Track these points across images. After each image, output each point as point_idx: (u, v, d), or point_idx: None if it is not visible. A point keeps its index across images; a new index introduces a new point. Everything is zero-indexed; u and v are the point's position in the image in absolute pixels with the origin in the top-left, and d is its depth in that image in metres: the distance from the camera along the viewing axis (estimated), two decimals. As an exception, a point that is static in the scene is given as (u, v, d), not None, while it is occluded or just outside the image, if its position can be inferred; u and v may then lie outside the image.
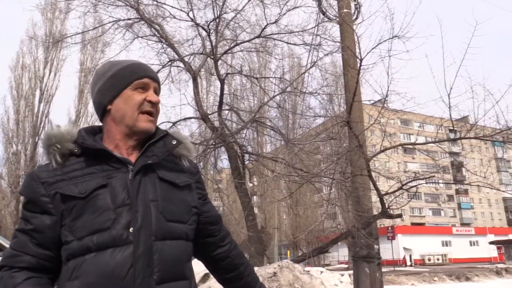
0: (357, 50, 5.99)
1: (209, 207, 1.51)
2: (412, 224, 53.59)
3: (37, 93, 25.83)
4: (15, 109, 25.42)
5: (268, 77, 10.01)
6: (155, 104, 1.32)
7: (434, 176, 7.03)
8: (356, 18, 7.51)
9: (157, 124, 1.39)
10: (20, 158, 24.95)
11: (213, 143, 8.63)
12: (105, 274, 1.14)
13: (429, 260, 44.09)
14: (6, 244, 9.14)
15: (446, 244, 49.83)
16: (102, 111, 1.33)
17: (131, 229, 1.18)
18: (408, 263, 42.12)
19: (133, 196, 1.22)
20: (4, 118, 25.39)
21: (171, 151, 1.36)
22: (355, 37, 5.83)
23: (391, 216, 6.97)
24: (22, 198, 1.29)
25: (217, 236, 1.50)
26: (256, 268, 6.58)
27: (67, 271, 1.18)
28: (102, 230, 1.17)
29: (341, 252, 43.61)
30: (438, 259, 44.70)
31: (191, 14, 8.36)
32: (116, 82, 1.31)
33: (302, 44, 7.93)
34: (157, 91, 1.36)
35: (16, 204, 24.44)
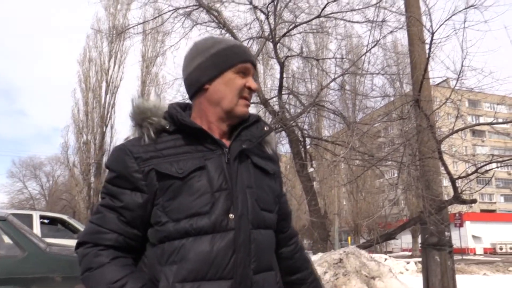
0: (428, 24, 5.58)
1: (285, 199, 1.43)
2: (482, 211, 50.68)
3: (103, 85, 27.14)
4: (84, 101, 26.84)
5: (329, 58, 9.72)
6: (253, 91, 1.26)
7: (514, 159, 6.46)
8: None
9: None
10: (90, 147, 26.43)
11: (274, 128, 8.56)
12: (206, 261, 1.09)
13: (501, 249, 41.54)
14: (81, 228, 9.74)
15: (520, 232, 46.64)
16: (197, 89, 1.25)
17: (230, 216, 1.13)
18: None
19: (233, 182, 1.16)
20: (75, 109, 26.94)
21: (264, 138, 1.30)
22: (426, 9, 5.44)
23: (464, 202, 6.56)
24: (107, 171, 1.23)
25: (285, 233, 1.42)
26: (320, 254, 6.48)
27: (161, 254, 1.12)
28: (200, 214, 1.11)
29: (404, 239, 42.26)
30: (511, 248, 41.99)
31: (249, -3, 8.28)
32: (218, 61, 1.22)
33: (365, 22, 7.57)
34: (254, 77, 1.30)
35: (88, 190, 26.05)
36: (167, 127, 1.20)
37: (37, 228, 8.87)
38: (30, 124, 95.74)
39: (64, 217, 10.32)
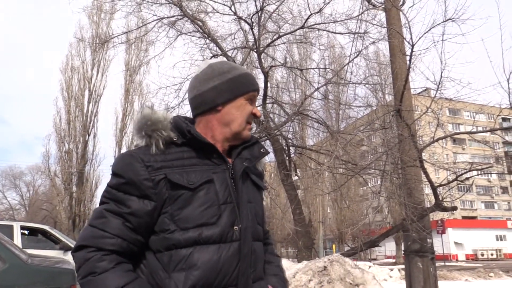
0: (408, 36, 5.73)
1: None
2: (463, 217, 51.49)
3: (86, 93, 26.88)
4: (66, 110, 26.48)
5: (313, 68, 9.84)
6: (256, 118, 1.39)
7: (492, 167, 6.64)
8: (403, 4, 7.21)
9: None
10: (72, 156, 26.04)
11: (258, 137, 8.60)
12: (214, 269, 1.15)
13: (482, 255, 42.23)
14: (63, 238, 9.57)
15: (500, 238, 47.50)
16: (209, 108, 1.32)
17: (235, 228, 1.21)
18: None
19: (238, 196, 1.25)
20: (57, 118, 26.54)
21: (261, 158, 1.42)
22: (406, 22, 5.58)
23: (445, 209, 6.68)
24: (111, 177, 1.24)
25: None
26: (305, 262, 6.51)
27: (168, 261, 1.16)
28: (208, 224, 1.18)
29: (388, 247, 42.62)
30: (492, 254, 42.73)
31: (233, 8, 8.35)
32: (234, 87, 1.32)
33: (348, 33, 7.71)
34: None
35: (69, 200, 25.59)
36: (175, 139, 1.26)
37: (18, 239, 8.70)
38: (11, 133, 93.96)
39: (46, 227, 10.13)
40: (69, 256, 8.00)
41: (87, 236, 1.17)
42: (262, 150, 1.41)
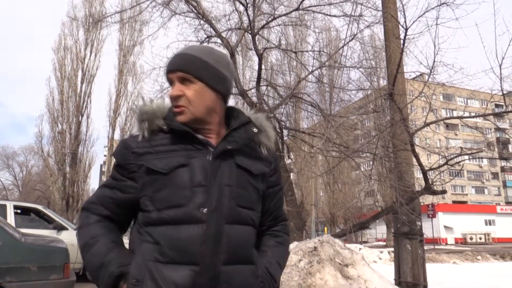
0: (402, 20, 5.72)
1: (279, 196, 1.52)
2: (454, 202, 52.19)
3: (79, 73, 26.56)
4: (59, 90, 26.16)
5: (307, 51, 9.80)
6: (176, 98, 1.32)
7: (482, 151, 6.72)
8: (399, -13, 7.17)
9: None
10: (65, 136, 25.87)
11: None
12: (177, 247, 1.23)
13: (471, 239, 42.96)
14: (56, 218, 9.62)
15: (489, 223, 48.29)
16: None
17: (204, 210, 1.26)
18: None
19: (211, 179, 1.29)
20: (50, 98, 26.22)
21: (252, 139, 1.41)
22: (401, 4, 5.57)
23: (435, 193, 6.77)
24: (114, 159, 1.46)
25: (272, 226, 1.51)
26: (296, 243, 6.61)
27: (142, 233, 1.30)
28: (177, 206, 1.26)
29: (379, 230, 43.23)
30: (480, 238, 43.46)
31: (228, -12, 8.26)
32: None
33: (342, 16, 7.66)
34: (185, 78, 1.32)
35: (63, 180, 25.55)
36: (164, 127, 1.35)
37: (11, 219, 8.74)
38: (3, 113, 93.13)
39: (39, 207, 10.16)
40: (62, 235, 8.07)
41: (87, 201, 1.42)
42: (254, 130, 1.39)
